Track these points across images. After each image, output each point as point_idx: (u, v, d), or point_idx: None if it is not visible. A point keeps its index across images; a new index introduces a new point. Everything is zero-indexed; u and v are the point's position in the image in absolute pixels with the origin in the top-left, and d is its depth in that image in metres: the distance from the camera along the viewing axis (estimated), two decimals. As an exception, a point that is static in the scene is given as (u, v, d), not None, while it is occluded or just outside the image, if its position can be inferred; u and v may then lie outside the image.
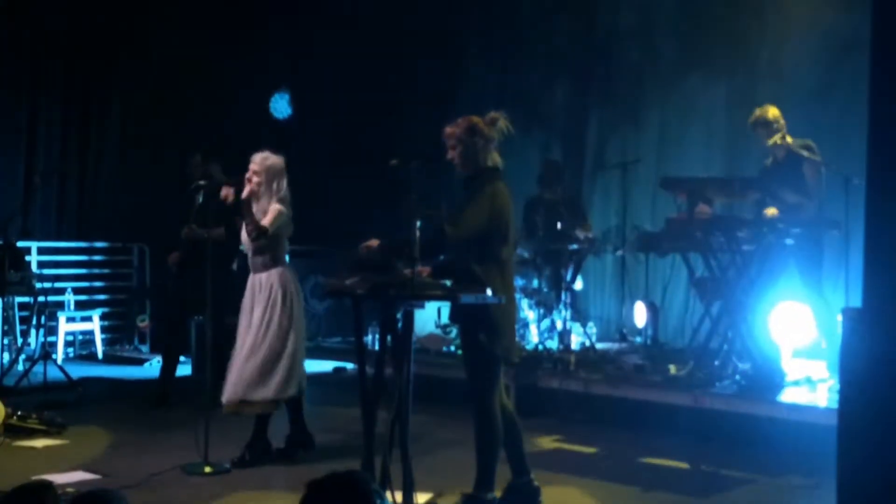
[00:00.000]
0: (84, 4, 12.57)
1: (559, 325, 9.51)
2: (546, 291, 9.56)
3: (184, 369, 10.54)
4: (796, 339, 8.58)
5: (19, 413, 7.61)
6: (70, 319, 11.84)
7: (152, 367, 10.90)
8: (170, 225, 9.27)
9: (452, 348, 9.53)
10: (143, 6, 12.72)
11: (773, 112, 8.26)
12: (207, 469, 6.57)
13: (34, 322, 10.94)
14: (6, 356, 10.53)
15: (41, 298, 10.39)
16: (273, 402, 6.85)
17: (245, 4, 13.11)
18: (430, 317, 9.64)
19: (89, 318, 12.00)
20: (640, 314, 10.24)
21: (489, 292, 5.33)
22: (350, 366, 10.38)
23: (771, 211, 7.89)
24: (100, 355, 11.94)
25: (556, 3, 12.35)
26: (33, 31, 12.34)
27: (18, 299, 11.01)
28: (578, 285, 10.17)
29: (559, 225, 9.52)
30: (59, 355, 11.28)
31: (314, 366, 10.20)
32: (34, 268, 11.31)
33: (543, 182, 10.03)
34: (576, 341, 9.66)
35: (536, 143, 12.22)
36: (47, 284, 10.41)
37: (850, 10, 9.17)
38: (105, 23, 12.73)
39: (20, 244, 10.58)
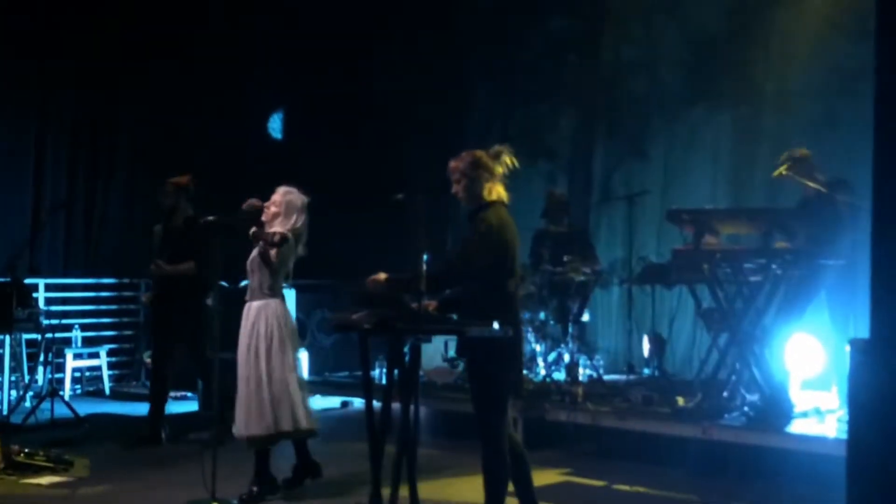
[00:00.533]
0: (91, 36, 12.64)
1: (566, 358, 9.49)
2: (553, 324, 9.54)
3: (191, 405, 10.58)
4: (805, 371, 8.56)
5: (26, 450, 7.59)
6: (77, 356, 11.81)
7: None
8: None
9: (460, 381, 9.50)
10: (150, 37, 12.78)
11: (801, 152, 8.26)
12: (214, 505, 6.55)
13: (41, 359, 10.92)
14: (13, 393, 10.54)
15: (48, 335, 10.38)
16: (268, 437, 6.81)
17: (253, 41, 13.22)
18: (438, 350, 9.62)
19: (96, 355, 11.98)
20: (647, 346, 10.21)
21: (496, 325, 5.32)
22: (357, 400, 10.36)
23: (780, 245, 7.89)
24: (107, 391, 11.91)
25: (561, 35, 12.41)
26: (40, 63, 12.40)
27: (26, 336, 11.00)
28: (585, 317, 10.15)
29: (565, 258, 9.52)
30: (67, 392, 11.25)
31: (321, 400, 10.20)
32: (41, 304, 11.32)
33: (548, 216, 10.04)
34: (583, 373, 9.63)
35: (542, 175, 12.24)
36: (54, 321, 10.41)
37: (855, 40, 9.22)
38: (112, 55, 12.78)
39: (27, 281, 10.59)
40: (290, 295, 7.03)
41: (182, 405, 10.67)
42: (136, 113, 13.10)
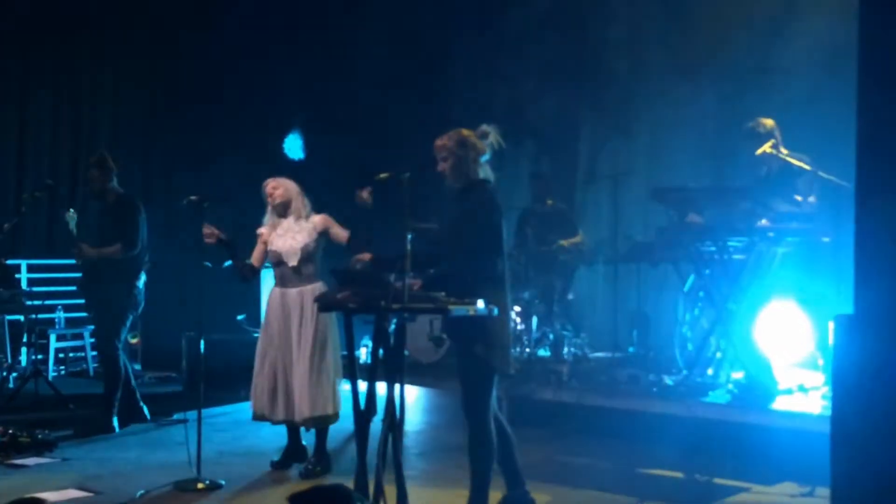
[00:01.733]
0: (75, 19, 12.58)
1: (551, 336, 9.49)
2: (538, 303, 9.55)
3: (175, 385, 10.56)
4: (793, 349, 8.53)
5: (10, 431, 7.58)
6: (60, 337, 11.76)
7: (143, 383, 10.79)
8: (160, 241, 9.23)
9: (445, 360, 9.49)
10: (133, 23, 12.73)
11: (765, 124, 8.22)
12: (200, 486, 6.54)
13: (25, 340, 10.88)
14: (-3, 374, 10.51)
15: (31, 316, 10.34)
16: (334, 416, 6.97)
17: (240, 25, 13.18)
18: (423, 329, 9.61)
19: (80, 336, 11.92)
20: (632, 324, 10.23)
21: (481, 304, 5.31)
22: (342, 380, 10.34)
23: (764, 223, 7.89)
24: (91, 372, 11.86)
25: (545, 15, 12.36)
26: (22, 47, 12.35)
27: (9, 317, 10.96)
28: (570, 296, 10.16)
29: (550, 237, 9.52)
30: (50, 373, 11.21)
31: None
32: (24, 285, 11.26)
33: (534, 197, 10.04)
34: (568, 352, 9.64)
35: (527, 154, 12.23)
36: (37, 302, 10.36)
37: (838, 18, 9.19)
38: (96, 37, 12.73)
39: (10, 262, 10.54)
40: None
41: (166, 386, 10.66)
42: (118, 94, 13.04)
